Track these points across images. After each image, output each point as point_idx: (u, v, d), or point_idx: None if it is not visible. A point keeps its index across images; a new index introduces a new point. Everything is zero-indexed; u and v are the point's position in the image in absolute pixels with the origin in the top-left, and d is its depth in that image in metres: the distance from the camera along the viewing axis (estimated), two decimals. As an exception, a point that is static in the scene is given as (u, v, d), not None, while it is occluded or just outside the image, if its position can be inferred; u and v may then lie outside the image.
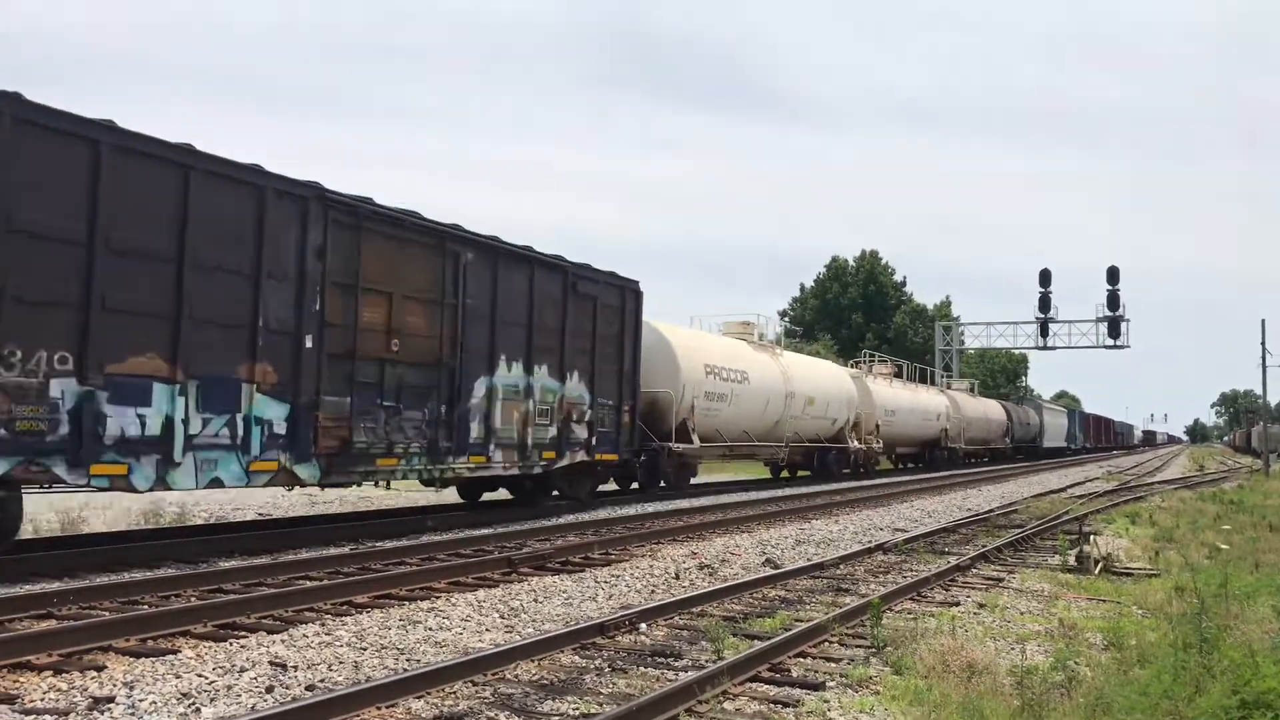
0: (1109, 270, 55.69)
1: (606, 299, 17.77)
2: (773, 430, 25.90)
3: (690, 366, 21.54)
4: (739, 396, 23.55)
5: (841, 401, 30.00)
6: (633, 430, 18.66)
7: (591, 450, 17.22)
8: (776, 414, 25.81)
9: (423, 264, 13.60)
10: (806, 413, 27.52)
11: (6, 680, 5.98)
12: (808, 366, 29.28)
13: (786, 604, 9.38)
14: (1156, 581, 11.20)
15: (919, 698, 6.06)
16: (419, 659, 6.79)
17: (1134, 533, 16.52)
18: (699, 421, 21.71)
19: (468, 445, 14.23)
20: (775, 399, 25.60)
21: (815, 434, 28.68)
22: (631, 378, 18.62)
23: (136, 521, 14.26)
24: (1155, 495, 26.75)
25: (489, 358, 14.67)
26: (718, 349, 23.90)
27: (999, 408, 53.48)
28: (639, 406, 19.13)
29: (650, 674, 6.61)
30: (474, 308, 14.32)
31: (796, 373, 27.31)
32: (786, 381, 26.28)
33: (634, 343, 18.72)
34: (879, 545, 13.52)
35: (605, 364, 17.64)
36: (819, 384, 28.77)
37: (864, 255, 74.47)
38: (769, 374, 25.70)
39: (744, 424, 24.26)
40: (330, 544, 12.30)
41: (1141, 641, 7.90)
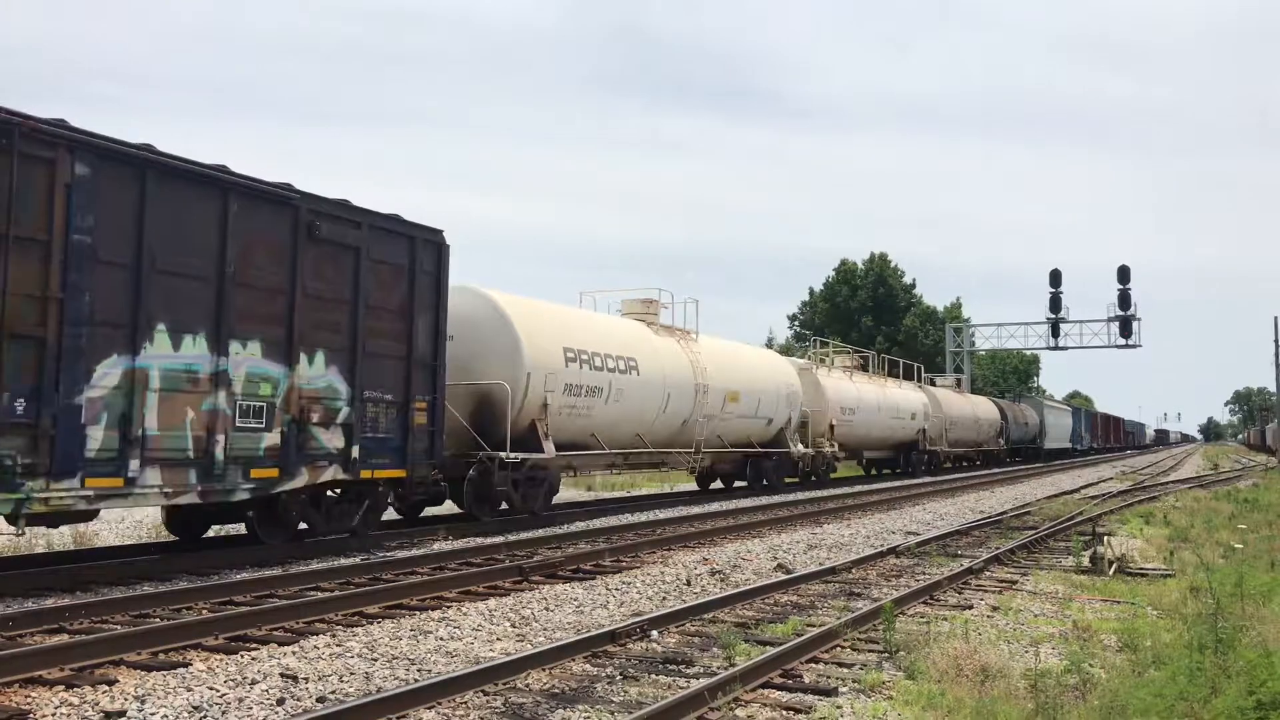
0: (1120, 269, 55.51)
1: (381, 252, 12.86)
2: (680, 433, 21.02)
3: (539, 350, 16.54)
4: (625, 391, 18.62)
5: (778, 398, 25.12)
6: (433, 435, 13.53)
7: (354, 464, 12.34)
8: (684, 412, 20.81)
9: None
10: (729, 411, 22.83)
11: (18, 695, 5.99)
12: (732, 355, 24.22)
13: (799, 609, 9.35)
14: (1171, 582, 11.13)
15: (932, 702, 6.02)
16: (430, 669, 6.78)
17: (1148, 533, 16.42)
18: (558, 423, 17.01)
19: (80, 461, 9.40)
20: (681, 394, 20.59)
21: (745, 437, 24.02)
22: (430, 363, 13.56)
23: (148, 535, 14.28)
24: (1169, 495, 26.60)
25: (131, 326, 9.92)
26: (588, 329, 18.69)
27: (990, 406, 49.69)
28: (445, 403, 14.15)
29: (662, 681, 6.59)
30: (90, 249, 9.56)
31: (715, 362, 22.43)
32: (699, 373, 21.34)
33: (434, 315, 13.64)
34: (891, 549, 13.47)
35: (381, 343, 12.78)
36: (747, 376, 23.87)
37: (873, 258, 74.24)
38: (673, 364, 20.65)
39: (633, 425, 19.24)
40: (341, 554, 12.30)
41: (1156, 643, 7.84)
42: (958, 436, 42.16)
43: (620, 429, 19.00)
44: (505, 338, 16.30)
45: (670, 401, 20.27)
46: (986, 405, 48.99)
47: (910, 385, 39.09)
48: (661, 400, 20.04)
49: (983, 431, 46.36)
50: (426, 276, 13.62)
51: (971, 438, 44.77)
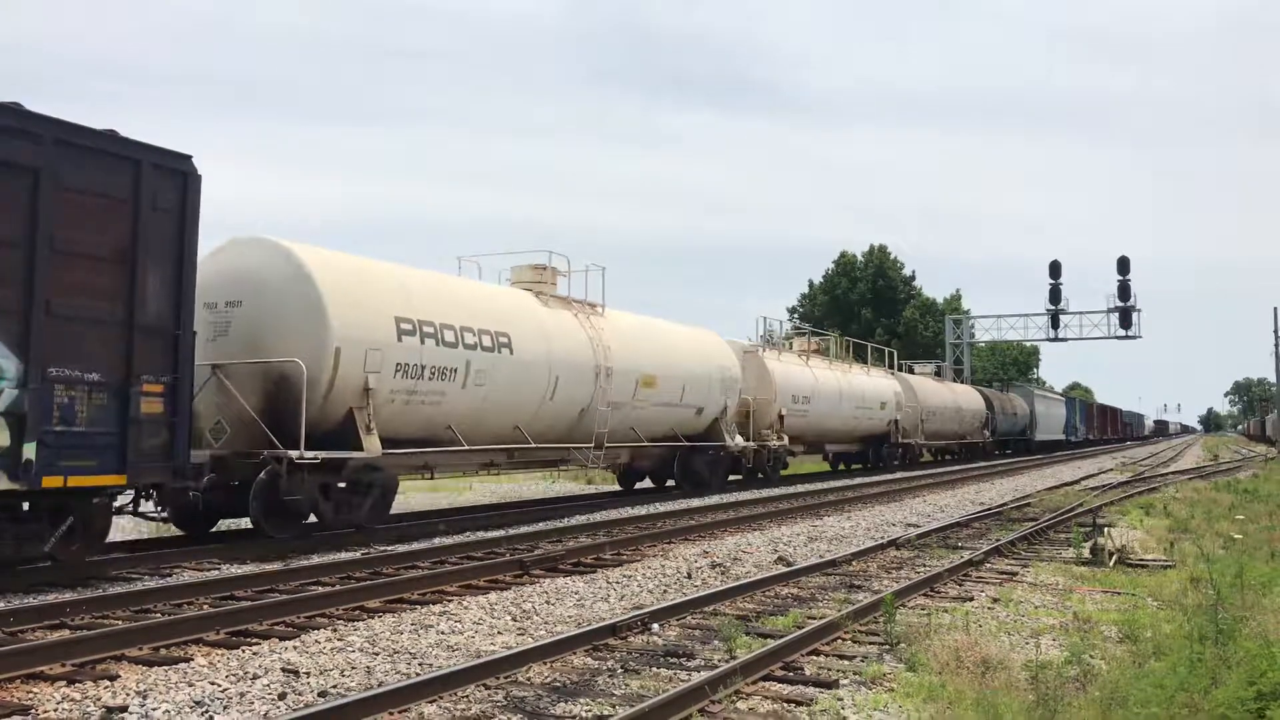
0: (1119, 260, 55.55)
1: (81, 179, 9.49)
2: (579, 424, 17.73)
3: (356, 318, 12.96)
4: (491, 373, 15.12)
5: (710, 383, 21.77)
6: (173, 429, 10.09)
7: (29, 470, 8.87)
8: (580, 399, 17.47)
9: None
10: (644, 399, 19.36)
11: (20, 691, 5.99)
12: (649, 333, 20.51)
13: (799, 601, 9.36)
14: (1171, 573, 11.14)
15: (933, 694, 6.02)
16: (431, 663, 6.78)
17: (1148, 524, 16.43)
18: (390, 412, 13.57)
19: None
20: (575, 378, 17.18)
21: (669, 429, 20.79)
22: (170, 332, 10.15)
23: (149, 529, 14.29)
24: (1169, 486, 26.62)
25: None
26: (439, 296, 14.95)
27: (975, 395, 46.54)
28: (199, 387, 11.46)
29: (663, 674, 6.60)
30: None
31: (624, 341, 18.94)
32: (601, 353, 17.91)
33: (176, 268, 10.25)
34: (891, 541, 13.48)
35: (80, 303, 9.37)
36: (668, 358, 20.40)
37: (873, 250, 74.26)
38: (565, 342, 17.17)
39: (507, 415, 15.83)
40: (341, 549, 12.31)
41: (1157, 634, 7.85)
42: (937, 428, 39.24)
43: (489, 420, 15.52)
44: (304, 301, 12.63)
45: (559, 386, 16.76)
46: (970, 394, 45.97)
47: (880, 372, 35.94)
48: (546, 385, 16.54)
49: (966, 422, 43.43)
50: (163, 215, 10.12)
51: (953, 429, 41.87)
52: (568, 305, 18.44)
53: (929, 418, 37.94)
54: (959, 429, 42.69)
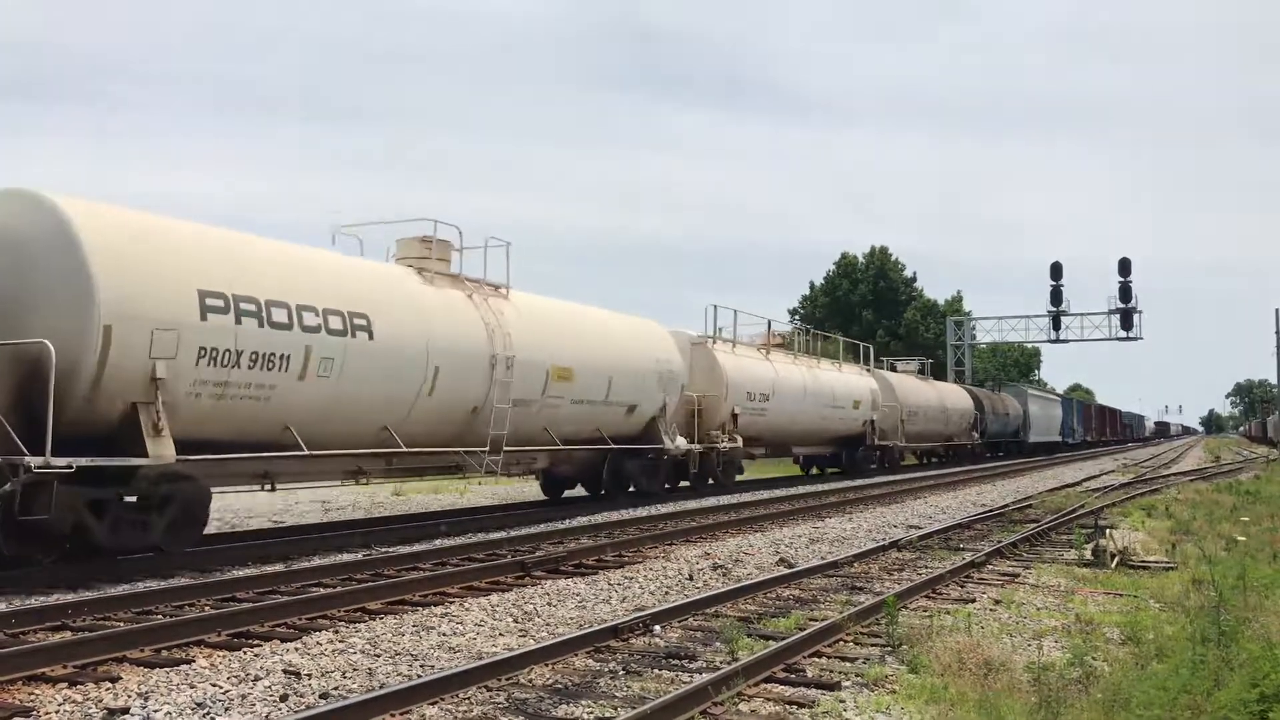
0: (1120, 262, 55.58)
1: None
2: (471, 424, 14.92)
3: (140, 289, 10.37)
4: (342, 361, 12.37)
5: (644, 378, 19.03)
6: None
7: None
8: (472, 395, 14.76)
9: None
10: (559, 394, 16.70)
11: (21, 692, 5.99)
12: (566, 319, 17.83)
13: (801, 603, 9.35)
14: (1174, 574, 11.13)
15: (935, 696, 6.02)
16: (433, 665, 6.78)
17: (1150, 525, 16.42)
18: (196, 409, 10.96)
19: None
20: (461, 369, 14.42)
21: (594, 429, 18.07)
22: None
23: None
24: (1171, 487, 26.60)
25: None
26: (267, 268, 12.09)
27: (962, 394, 43.90)
28: None
29: (665, 676, 6.59)
30: None
31: (532, 328, 16.24)
32: (500, 340, 15.19)
33: None
34: (893, 543, 13.47)
35: None
36: (590, 348, 17.69)
37: (874, 251, 74.24)
38: (450, 326, 14.46)
39: (370, 414, 13.15)
40: (343, 550, 12.31)
41: (1159, 635, 7.84)
42: (919, 429, 36.78)
43: (343, 419, 12.76)
44: (63, 266, 10.03)
45: (441, 379, 13.98)
46: (957, 394, 43.31)
47: (854, 369, 33.18)
48: (423, 377, 13.75)
49: (952, 423, 41.01)
50: None
51: (938, 430, 39.44)
52: (459, 284, 15.50)
53: (910, 418, 35.49)
54: (945, 430, 40.36)
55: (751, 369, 24.75)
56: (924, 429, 37.47)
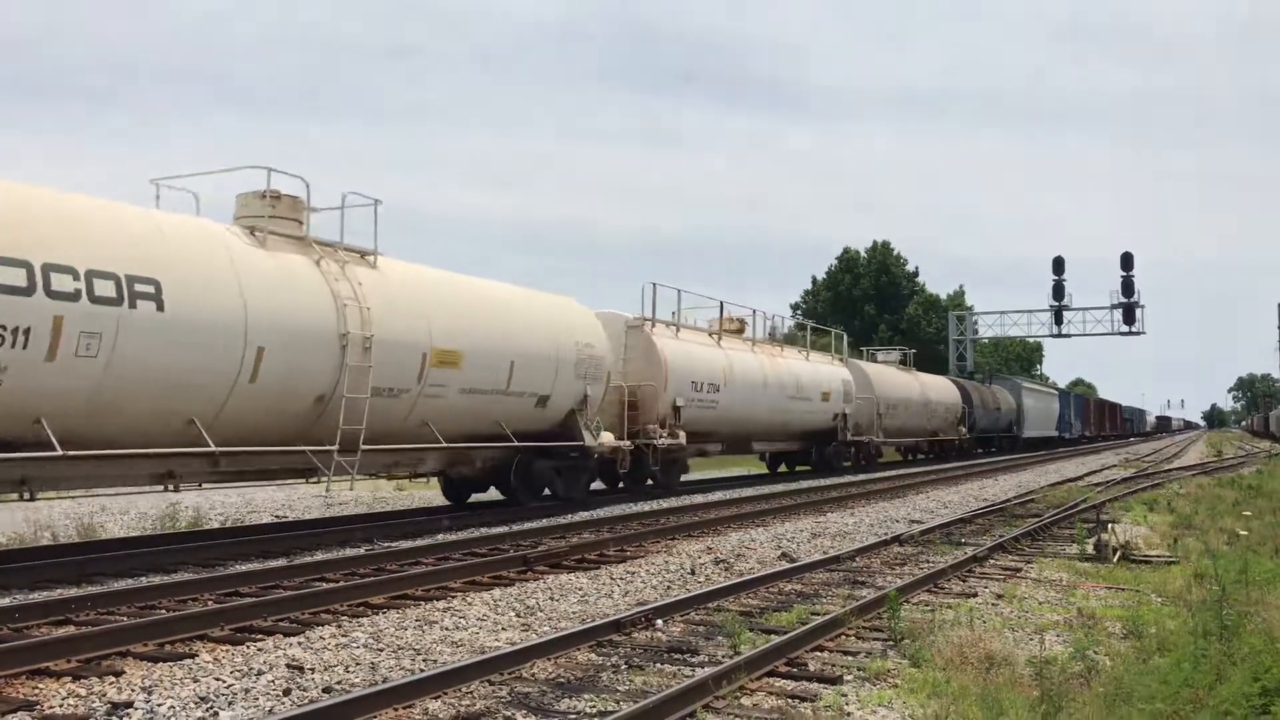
0: (1123, 256, 55.65)
1: None
2: (320, 418, 12.39)
3: None
4: (121, 338, 10.12)
5: (559, 365, 16.48)
6: None
7: None
8: (317, 383, 12.21)
9: None
10: (441, 383, 14.01)
11: (25, 687, 6.00)
12: (449, 295, 14.85)
13: (803, 598, 9.36)
14: (1176, 569, 11.13)
15: (937, 690, 6.03)
16: (435, 659, 6.79)
17: (1152, 520, 16.42)
18: None
19: None
20: (300, 351, 11.91)
21: (493, 424, 15.38)
22: None
23: (153, 526, 14.33)
24: (1173, 482, 26.60)
25: None
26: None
27: (948, 387, 41.36)
28: None
29: (667, 670, 6.60)
30: None
31: (399, 303, 13.50)
32: (354, 317, 12.59)
33: None
34: (895, 537, 13.48)
35: None
36: (483, 330, 14.94)
37: (875, 246, 74.24)
38: (282, 298, 11.87)
39: (173, 402, 10.85)
40: (346, 545, 12.33)
41: (1161, 630, 7.85)
42: (899, 424, 34.60)
43: (122, 411, 10.42)
44: None
45: (267, 363, 11.52)
46: (943, 386, 40.54)
47: (824, 358, 30.30)
48: (238, 360, 11.27)
49: (937, 418, 38.59)
50: None
51: (920, 425, 36.90)
52: (304, 248, 12.74)
53: (889, 412, 33.13)
54: (928, 425, 37.81)
55: (699, 356, 22.01)
56: (905, 423, 35.26)
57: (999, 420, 48.66)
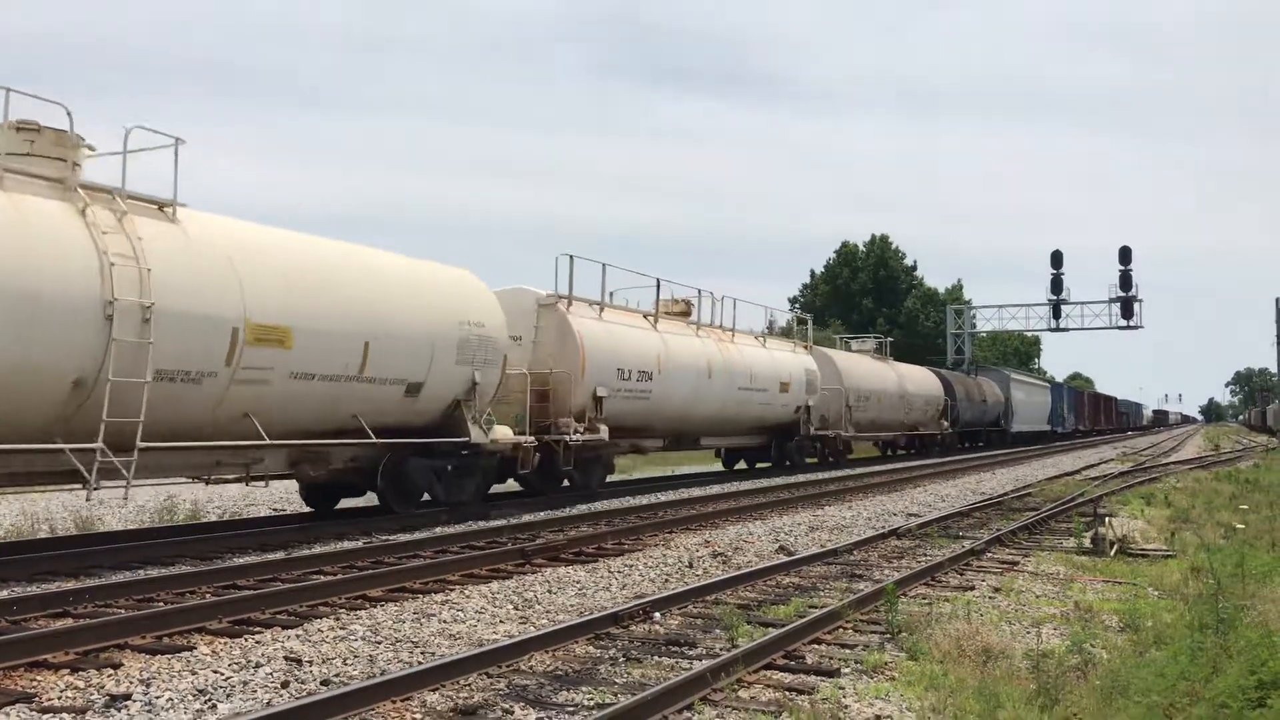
0: (1121, 250, 55.56)
1: None
2: (81, 409, 9.92)
3: None
4: None
5: (437, 346, 14.04)
6: None
7: None
8: (76, 363, 9.76)
9: None
10: (262, 364, 11.50)
11: (24, 679, 6.01)
12: (284, 258, 12.24)
13: (801, 591, 9.37)
14: (1173, 563, 11.15)
15: (934, 683, 6.04)
16: (433, 652, 6.80)
17: (1149, 514, 16.45)
18: None
19: None
20: (46, 325, 9.52)
21: (351, 415, 12.92)
22: None
23: (150, 520, 14.32)
24: (1170, 476, 26.65)
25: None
26: None
27: (929, 378, 39.12)
28: None
29: (665, 663, 6.61)
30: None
31: (201, 266, 10.99)
32: (128, 281, 10.09)
33: None
34: (893, 530, 13.50)
35: None
36: (325, 301, 12.37)
37: (874, 240, 74.23)
38: (24, 260, 9.37)
39: None
40: (344, 538, 12.33)
41: (1158, 623, 7.87)
42: (873, 417, 32.26)
43: None
44: None
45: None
46: (922, 377, 38.22)
47: (785, 344, 27.56)
48: None
49: (915, 411, 36.42)
50: None
51: (896, 418, 34.56)
52: (68, 194, 10.17)
53: (860, 404, 30.74)
54: (906, 418, 35.55)
55: (627, 340, 19.22)
56: (878, 416, 32.81)
57: (985, 413, 46.73)
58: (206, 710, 5.43)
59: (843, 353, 33.12)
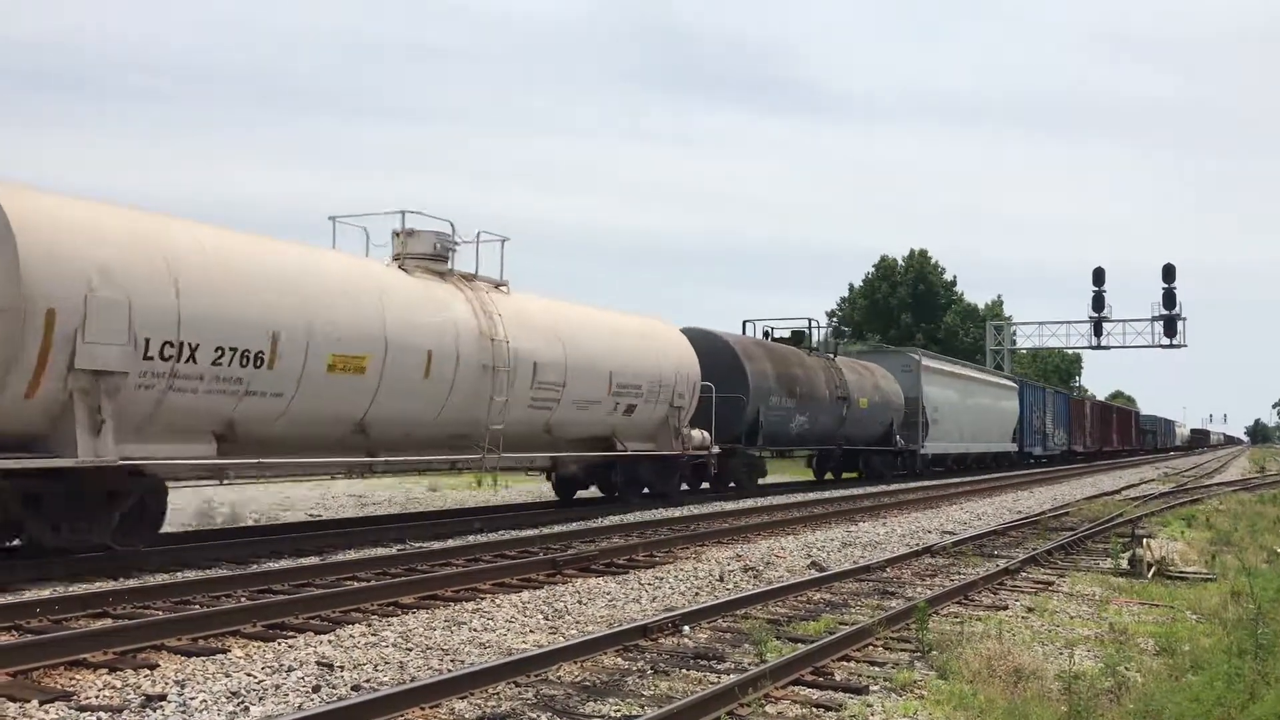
0: (1164, 268, 54.88)
1: None
2: None
3: None
4: None
5: None
6: None
7: None
8: None
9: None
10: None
11: (63, 677, 6.13)
12: None
13: (831, 607, 9.33)
14: (1212, 586, 10.98)
15: (964, 702, 5.99)
16: (463, 660, 6.84)
17: (1189, 536, 16.19)
18: None
19: None
20: None
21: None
22: None
23: (189, 523, 14.53)
24: (1213, 497, 26.21)
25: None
26: None
27: (674, 346, 19.55)
28: None
29: (693, 676, 6.61)
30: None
31: None
32: None
33: None
34: (926, 548, 13.39)
35: None
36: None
37: (913, 254, 73.80)
38: None
39: None
40: (378, 545, 12.44)
41: (1195, 647, 7.75)
42: None
43: None
44: None
45: None
46: (671, 347, 19.41)
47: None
48: None
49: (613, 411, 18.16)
50: None
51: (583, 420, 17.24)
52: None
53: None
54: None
55: None
56: None
57: (866, 426, 28.52)
58: (239, 712, 5.51)
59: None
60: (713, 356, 21.47)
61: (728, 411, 21.50)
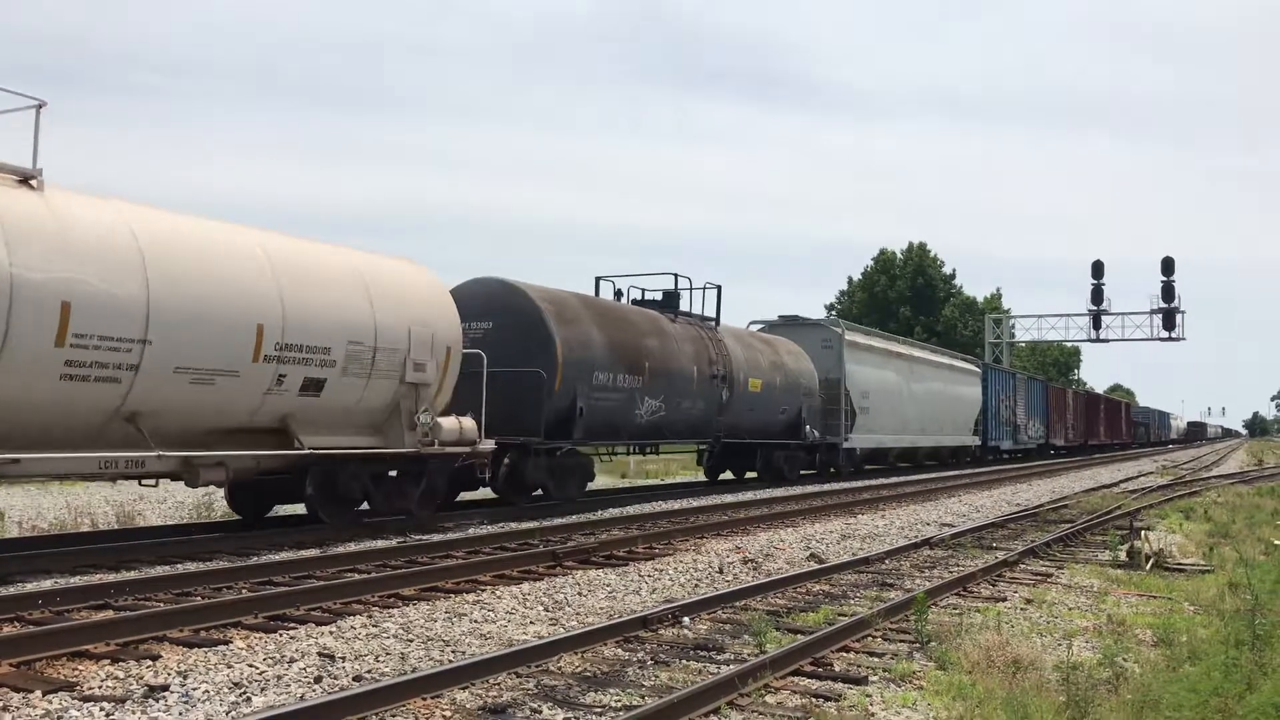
0: (1163, 261, 54.99)
1: None
2: None
3: None
4: None
5: None
6: None
7: None
8: None
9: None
10: None
11: (66, 668, 6.15)
12: None
13: (830, 598, 9.36)
14: (1209, 577, 11.02)
15: (962, 693, 6.02)
16: (464, 651, 6.87)
17: (1187, 528, 16.24)
18: None
19: None
20: None
21: None
22: None
23: (190, 515, 14.55)
24: (1210, 490, 26.26)
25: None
26: None
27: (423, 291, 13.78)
28: None
29: (692, 667, 6.64)
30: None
31: None
32: None
33: None
34: (925, 540, 13.43)
35: None
36: None
37: (912, 248, 73.80)
38: None
39: None
40: (378, 537, 12.46)
41: (1192, 638, 7.78)
42: None
43: None
44: None
45: None
46: (416, 294, 13.48)
47: None
48: None
49: None
50: None
51: None
52: None
53: None
54: None
55: None
56: None
57: (762, 410, 22.54)
58: (241, 703, 5.54)
59: None
60: (508, 316, 16.17)
61: (520, 393, 15.64)
